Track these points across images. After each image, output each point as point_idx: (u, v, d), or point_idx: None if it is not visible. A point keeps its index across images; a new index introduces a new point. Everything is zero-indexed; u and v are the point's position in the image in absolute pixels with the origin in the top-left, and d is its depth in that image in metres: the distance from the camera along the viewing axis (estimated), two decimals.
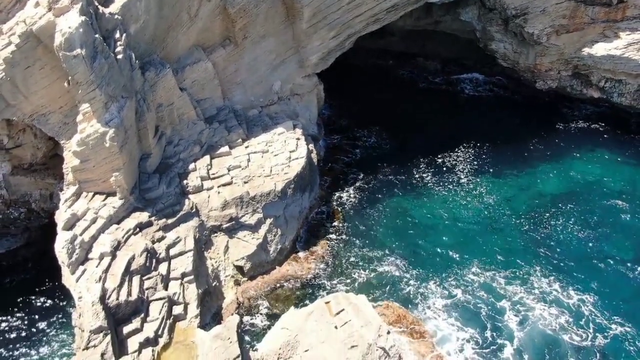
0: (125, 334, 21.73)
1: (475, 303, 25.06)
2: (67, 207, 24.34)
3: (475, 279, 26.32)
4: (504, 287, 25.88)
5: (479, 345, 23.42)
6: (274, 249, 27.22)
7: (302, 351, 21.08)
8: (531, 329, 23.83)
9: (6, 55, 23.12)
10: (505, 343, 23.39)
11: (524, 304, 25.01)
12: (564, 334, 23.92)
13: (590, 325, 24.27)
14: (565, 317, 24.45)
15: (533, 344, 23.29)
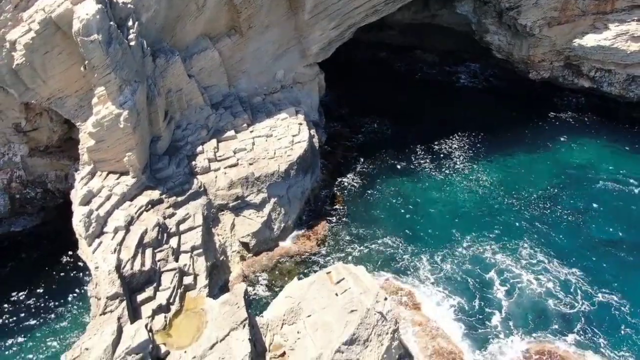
0: (139, 301, 23.22)
1: (466, 274, 26.73)
2: (83, 184, 25.82)
3: (467, 253, 27.99)
4: (493, 260, 27.62)
5: (470, 313, 25.00)
6: (278, 227, 28.70)
7: (305, 317, 22.52)
8: (518, 296, 25.52)
9: (26, 41, 24.56)
10: (494, 311, 25.09)
11: (513, 274, 26.74)
12: (551, 301, 25.50)
13: (577, 294, 25.84)
14: (552, 287, 26.03)
15: (520, 311, 24.88)
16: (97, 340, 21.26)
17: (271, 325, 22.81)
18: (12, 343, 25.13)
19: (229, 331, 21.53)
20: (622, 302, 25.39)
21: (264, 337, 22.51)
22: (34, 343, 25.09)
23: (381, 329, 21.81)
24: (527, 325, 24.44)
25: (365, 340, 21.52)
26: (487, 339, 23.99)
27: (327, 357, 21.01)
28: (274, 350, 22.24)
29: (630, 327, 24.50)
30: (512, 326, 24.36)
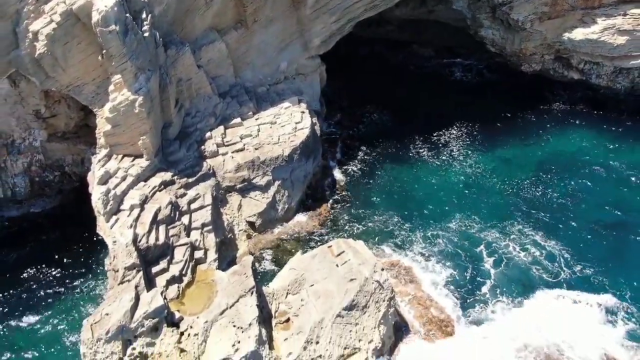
0: (154, 273, 25.03)
1: (458, 249, 28.72)
2: (100, 166, 27.62)
3: (459, 230, 29.92)
4: (483, 236, 29.60)
5: (461, 284, 26.92)
6: (282, 207, 30.50)
7: (308, 286, 24.34)
8: (506, 266, 27.57)
9: (48, 32, 26.34)
10: (484, 281, 27.04)
11: (501, 248, 28.80)
12: (536, 272, 27.51)
13: (561, 265, 27.84)
14: (537, 259, 27.99)
15: (508, 280, 26.97)
16: (116, 306, 23.10)
17: (276, 294, 24.63)
18: (35, 315, 26.85)
19: (238, 298, 23.36)
20: (604, 272, 27.37)
21: (270, 305, 24.34)
22: (55, 314, 26.83)
23: (378, 297, 23.64)
24: (514, 293, 26.38)
25: (363, 307, 23.37)
26: (476, 308, 25.87)
27: (329, 321, 22.86)
28: (279, 316, 24.09)
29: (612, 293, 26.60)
30: (500, 294, 26.31)
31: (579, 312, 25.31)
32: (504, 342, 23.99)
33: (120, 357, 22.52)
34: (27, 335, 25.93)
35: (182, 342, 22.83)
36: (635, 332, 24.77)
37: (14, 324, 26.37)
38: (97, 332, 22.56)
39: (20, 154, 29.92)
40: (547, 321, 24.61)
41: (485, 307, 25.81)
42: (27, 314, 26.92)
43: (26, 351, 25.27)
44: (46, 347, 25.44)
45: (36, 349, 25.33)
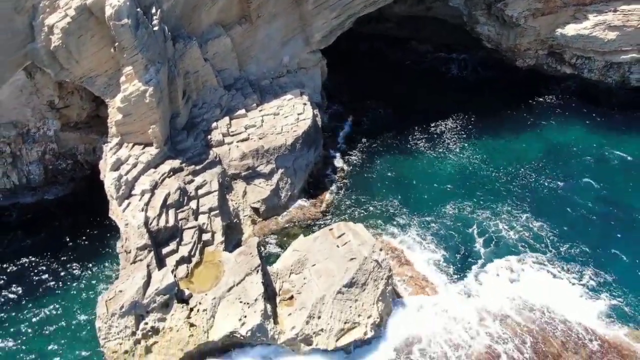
0: (164, 254, 26.38)
1: (452, 231, 30.33)
2: (112, 153, 28.99)
3: (453, 214, 31.53)
4: (476, 219, 31.16)
5: (453, 264, 28.50)
6: (285, 195, 31.86)
7: (310, 266, 25.71)
8: (496, 246, 29.19)
9: (63, 26, 27.68)
10: (475, 261, 28.68)
11: (492, 229, 30.41)
12: (523, 249, 29.22)
13: (547, 245, 29.54)
14: (526, 239, 29.67)
15: (497, 259, 28.68)
16: (129, 283, 24.52)
17: (280, 274, 26.01)
18: (50, 295, 28.14)
19: (244, 276, 24.76)
20: (589, 253, 29.04)
21: (274, 284, 25.73)
22: (69, 295, 28.14)
23: (377, 275, 25.00)
24: (502, 269, 28.10)
25: (362, 284, 24.73)
26: (468, 286, 27.40)
27: (330, 297, 24.23)
28: (283, 294, 25.48)
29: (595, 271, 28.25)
30: (489, 271, 28.03)
31: (562, 287, 26.94)
32: (491, 313, 25.71)
33: (133, 331, 23.94)
34: (44, 315, 27.19)
35: (191, 317, 24.25)
36: (615, 308, 26.31)
37: (30, 304, 27.64)
38: (112, 308, 23.97)
39: (35, 143, 31.23)
40: (532, 294, 26.31)
41: (475, 283, 27.42)
42: (43, 295, 28.16)
43: (43, 329, 26.55)
44: (61, 325, 26.73)
45: (52, 326, 26.62)
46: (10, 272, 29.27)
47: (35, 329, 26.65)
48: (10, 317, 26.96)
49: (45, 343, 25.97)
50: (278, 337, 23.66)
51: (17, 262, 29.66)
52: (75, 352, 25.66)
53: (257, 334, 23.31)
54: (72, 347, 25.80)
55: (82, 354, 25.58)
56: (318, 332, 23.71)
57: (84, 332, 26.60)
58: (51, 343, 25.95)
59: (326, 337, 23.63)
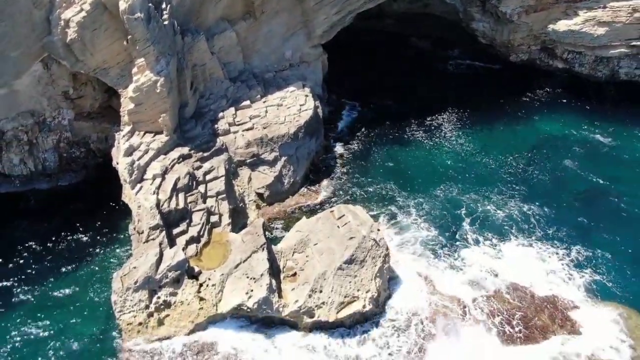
0: (175, 234, 28.00)
1: (445, 212, 32.26)
2: (125, 140, 30.60)
3: (447, 198, 33.38)
4: (468, 201, 33.02)
5: (446, 242, 30.38)
6: (288, 181, 33.47)
7: (312, 245, 27.33)
8: (484, 225, 31.23)
9: (78, 20, 29.31)
10: (466, 237, 30.62)
11: (482, 210, 32.37)
12: (512, 229, 31.03)
13: (535, 226, 31.39)
14: (514, 219, 31.57)
15: (485, 236, 30.66)
16: (143, 260, 26.16)
17: (284, 252, 27.63)
18: (66, 276, 29.67)
19: (251, 254, 26.39)
20: (575, 235, 30.81)
21: (279, 262, 27.34)
22: (83, 274, 29.63)
23: (375, 253, 26.61)
24: (490, 245, 30.13)
25: (361, 261, 26.35)
26: (459, 262, 29.28)
27: (331, 273, 25.86)
28: (286, 271, 27.11)
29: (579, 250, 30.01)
30: (478, 247, 30.04)
31: (547, 264, 28.74)
32: (480, 288, 27.56)
33: (147, 304, 25.60)
34: (61, 293, 28.66)
35: (201, 291, 25.90)
36: (597, 283, 28.07)
37: (48, 283, 29.15)
38: (127, 283, 25.64)
39: (51, 132, 32.82)
40: (519, 271, 28.14)
41: (465, 260, 29.25)
42: (60, 275, 29.59)
43: (61, 306, 28.07)
44: (78, 302, 28.25)
45: (70, 303, 28.15)
46: (28, 253, 30.75)
47: (54, 306, 28.12)
48: (30, 295, 28.47)
49: (64, 318, 27.46)
50: (282, 310, 25.28)
51: (35, 244, 31.12)
52: (92, 326, 27.17)
53: (263, 307, 24.94)
54: (89, 321, 27.33)
55: (98, 327, 27.11)
56: (320, 305, 25.34)
57: (100, 308, 28.06)
58: (70, 318, 27.46)
59: (327, 310, 25.28)
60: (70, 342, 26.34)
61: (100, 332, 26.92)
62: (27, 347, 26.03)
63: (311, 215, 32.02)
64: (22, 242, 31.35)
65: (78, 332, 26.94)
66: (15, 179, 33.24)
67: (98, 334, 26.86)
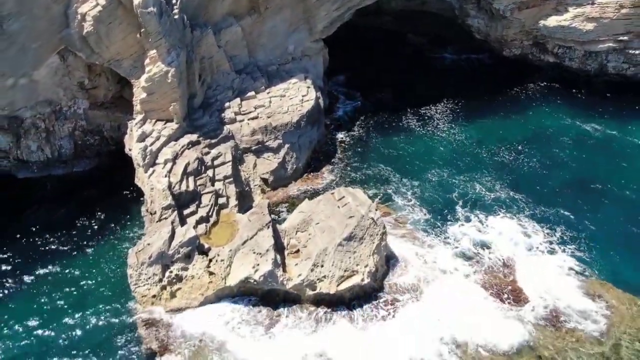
0: (185, 214, 29.84)
1: (437, 195, 34.25)
2: (137, 127, 32.46)
3: (440, 181, 35.54)
4: (460, 185, 35.08)
5: (439, 222, 32.36)
6: (291, 167, 35.34)
7: (314, 224, 29.19)
8: (474, 206, 33.35)
9: (94, 14, 31.12)
10: (457, 217, 32.66)
11: (473, 193, 34.42)
12: (500, 210, 33.16)
13: (522, 207, 33.45)
14: (502, 201, 33.65)
15: (475, 216, 32.67)
16: (156, 237, 28.00)
17: (288, 231, 29.47)
18: (82, 255, 31.48)
19: (257, 231, 28.23)
20: (560, 216, 32.89)
21: (283, 240, 29.19)
22: (98, 254, 31.40)
23: (373, 231, 28.46)
24: (478, 224, 32.20)
25: (360, 238, 28.18)
26: (451, 239, 31.34)
27: (332, 249, 27.68)
28: (290, 248, 28.93)
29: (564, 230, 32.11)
30: (467, 226, 32.04)
31: (532, 238, 30.96)
32: (473, 263, 29.73)
33: (160, 278, 27.48)
34: (78, 271, 30.43)
35: (210, 266, 27.75)
36: (579, 259, 30.11)
37: (65, 263, 30.93)
38: (141, 258, 27.50)
39: (66, 120, 34.65)
40: (506, 247, 30.38)
41: (457, 236, 31.43)
42: (76, 255, 31.36)
43: (77, 283, 29.83)
44: (94, 279, 30.08)
45: (86, 281, 29.94)
46: (45, 235, 32.49)
47: (71, 283, 29.86)
48: (49, 273, 30.21)
49: (81, 294, 29.24)
50: (287, 283, 27.15)
51: (51, 226, 32.84)
52: (108, 301, 28.94)
53: (269, 279, 26.79)
54: (105, 296, 29.12)
55: (113, 301, 28.92)
56: (321, 279, 27.21)
57: (114, 284, 29.83)
58: (87, 293, 29.25)
59: (328, 283, 27.14)
60: (88, 315, 28.15)
61: (115, 306, 28.65)
62: (49, 321, 27.70)
63: (313, 198, 34.03)
64: (39, 224, 33.08)
65: (95, 306, 28.63)
66: (33, 164, 35.01)
67: (113, 308, 28.58)
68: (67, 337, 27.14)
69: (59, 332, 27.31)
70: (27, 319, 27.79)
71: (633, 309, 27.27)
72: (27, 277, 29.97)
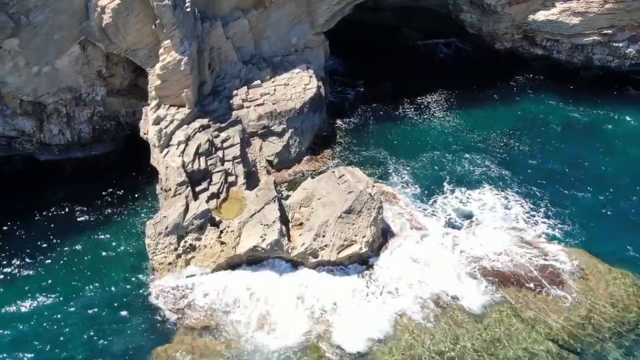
0: (197, 191, 32.38)
1: (429, 175, 37.07)
2: (152, 112, 34.99)
3: (433, 162, 38.26)
4: (451, 166, 37.82)
5: (430, 197, 35.20)
6: (294, 151, 37.90)
7: (316, 199, 31.75)
8: (462, 180, 36.14)
9: (113, 7, 33.60)
10: (447, 194, 35.55)
11: (462, 171, 37.24)
12: (487, 186, 36.00)
13: (508, 183, 36.35)
14: (491, 179, 36.41)
15: (463, 193, 35.58)
16: (172, 210, 30.58)
17: (292, 206, 32.01)
18: (100, 230, 33.98)
19: (264, 205, 30.78)
20: (543, 194, 35.57)
21: (288, 214, 31.74)
22: (116, 228, 33.97)
23: (370, 205, 30.99)
24: (469, 197, 34.99)
25: (359, 211, 30.71)
26: (439, 212, 34.26)
27: (332, 221, 30.23)
28: (294, 222, 31.50)
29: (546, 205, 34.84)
30: (455, 201, 34.98)
31: (515, 209, 33.89)
32: (463, 235, 32.62)
33: (175, 247, 30.07)
34: (96, 246, 33.04)
35: (221, 237, 30.34)
36: (561, 230, 33.02)
37: (85, 239, 33.40)
38: (158, 229, 30.08)
39: (85, 106, 37.14)
40: (492, 219, 33.23)
41: (444, 209, 34.43)
42: (95, 231, 33.84)
43: (96, 256, 32.42)
44: (112, 251, 32.71)
45: (104, 253, 32.55)
46: (67, 213, 35.05)
47: (91, 254, 32.58)
48: (70, 247, 32.76)
49: (100, 266, 31.85)
50: (291, 252, 29.72)
51: (72, 206, 35.40)
52: (126, 271, 31.58)
53: (275, 248, 29.38)
54: (122, 267, 31.75)
55: (131, 271, 31.51)
56: (323, 247, 29.79)
57: (131, 257, 32.48)
58: (106, 265, 31.84)
59: (329, 251, 29.73)
60: (107, 283, 30.83)
61: (132, 275, 31.34)
62: (71, 291, 30.35)
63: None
64: (60, 203, 35.61)
65: (113, 276, 31.34)
66: (55, 147, 37.53)
67: (131, 277, 31.30)
68: (88, 301, 29.89)
69: (81, 297, 30.08)
70: (53, 288, 30.45)
71: (607, 276, 29.81)
72: (46, 251, 32.50)
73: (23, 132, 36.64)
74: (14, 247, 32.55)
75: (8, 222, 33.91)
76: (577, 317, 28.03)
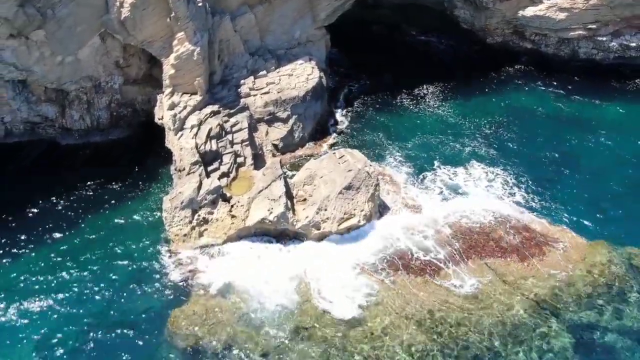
0: (209, 170, 35.24)
1: (423, 157, 39.99)
2: (167, 99, 37.84)
3: (426, 145, 41.24)
4: (443, 150, 40.85)
5: (423, 179, 38.10)
6: (298, 135, 40.75)
7: (319, 178, 34.59)
8: (451, 161, 39.18)
9: (131, 1, 36.30)
10: (438, 177, 38.41)
11: (453, 154, 40.20)
12: (475, 166, 38.98)
13: (495, 162, 39.52)
14: (479, 158, 39.29)
15: (454, 169, 38.72)
16: (186, 187, 33.40)
17: (296, 184, 34.85)
18: (117, 208, 36.64)
19: (270, 182, 33.62)
20: (527, 173, 38.62)
21: (292, 191, 34.59)
22: (133, 206, 36.64)
23: (368, 182, 33.83)
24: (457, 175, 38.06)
25: (357, 188, 33.55)
26: (430, 188, 37.34)
27: (333, 196, 33.06)
28: (298, 198, 34.35)
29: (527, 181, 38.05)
30: (445, 179, 38.07)
31: (495, 183, 37.06)
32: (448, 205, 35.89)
33: (190, 220, 32.88)
34: (116, 219, 35.84)
35: (232, 211, 33.15)
36: (525, 199, 36.28)
37: (105, 214, 36.24)
38: (174, 203, 32.91)
39: (104, 94, 39.95)
40: (480, 190, 36.32)
41: (435, 185, 37.63)
42: (113, 209, 36.52)
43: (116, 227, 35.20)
44: (129, 225, 35.45)
45: (122, 228, 35.30)
46: (87, 192, 37.73)
47: (110, 229, 35.29)
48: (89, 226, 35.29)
49: (120, 239, 34.53)
50: (296, 224, 32.55)
51: (90, 185, 38.10)
52: (143, 243, 34.31)
53: (281, 220, 32.20)
54: (140, 240, 34.36)
55: (148, 243, 34.25)
56: (325, 220, 32.63)
57: (148, 231, 35.24)
58: (125, 239, 34.49)
59: (331, 223, 32.56)
60: (126, 254, 33.43)
61: (150, 247, 34.02)
62: (95, 264, 32.81)
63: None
64: (80, 183, 38.25)
65: (132, 247, 34.05)
66: (75, 132, 40.36)
67: (148, 248, 34.00)
68: (111, 269, 32.60)
69: (104, 266, 32.75)
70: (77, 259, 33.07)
71: (584, 246, 32.67)
72: (73, 227, 35.15)
73: (46, 117, 39.48)
74: (42, 222, 35.21)
75: (34, 199, 36.64)
76: (556, 282, 30.79)
